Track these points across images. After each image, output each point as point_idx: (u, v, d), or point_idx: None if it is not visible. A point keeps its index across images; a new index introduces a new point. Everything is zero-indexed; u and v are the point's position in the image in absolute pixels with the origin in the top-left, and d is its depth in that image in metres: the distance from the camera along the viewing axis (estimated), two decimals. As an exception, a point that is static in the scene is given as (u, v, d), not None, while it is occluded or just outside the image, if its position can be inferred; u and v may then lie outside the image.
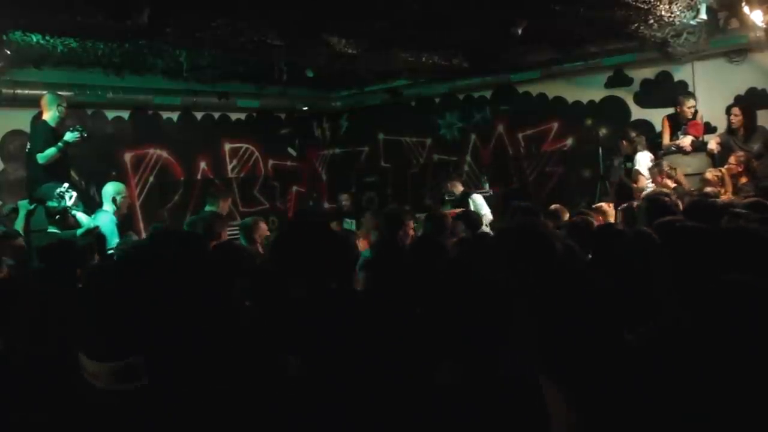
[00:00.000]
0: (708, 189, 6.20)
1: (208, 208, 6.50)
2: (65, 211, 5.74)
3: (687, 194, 6.14)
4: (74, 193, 5.87)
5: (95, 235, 5.35)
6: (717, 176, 6.67)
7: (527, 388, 1.93)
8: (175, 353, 1.40)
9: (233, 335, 1.98)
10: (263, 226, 5.67)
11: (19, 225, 6.02)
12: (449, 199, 7.88)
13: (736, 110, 7.48)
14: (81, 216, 5.84)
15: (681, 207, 4.67)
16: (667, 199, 4.46)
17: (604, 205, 6.30)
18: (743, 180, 6.69)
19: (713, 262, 2.15)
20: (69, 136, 6.40)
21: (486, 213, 7.25)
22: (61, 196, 5.74)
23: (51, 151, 6.28)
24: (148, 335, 1.37)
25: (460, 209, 6.83)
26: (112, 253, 5.33)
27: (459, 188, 7.88)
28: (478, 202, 7.56)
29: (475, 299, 2.24)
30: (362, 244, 5.43)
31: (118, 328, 1.35)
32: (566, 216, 5.67)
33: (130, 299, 1.41)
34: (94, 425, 1.37)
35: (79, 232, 5.61)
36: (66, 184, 5.94)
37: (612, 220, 5.73)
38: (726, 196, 6.19)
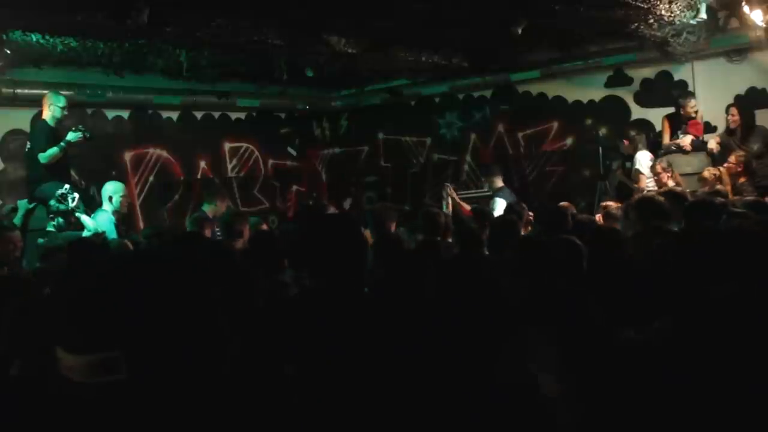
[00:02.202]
0: (718, 187, 6.18)
1: (205, 207, 6.55)
2: (68, 213, 5.73)
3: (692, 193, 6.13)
4: (77, 195, 5.87)
5: (102, 239, 5.36)
6: (714, 175, 6.67)
7: (525, 394, 1.93)
8: (157, 349, 1.39)
9: (221, 335, 1.97)
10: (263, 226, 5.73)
11: (17, 224, 6.01)
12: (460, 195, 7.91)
13: (733, 110, 7.48)
14: (85, 219, 5.83)
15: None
16: (661, 199, 4.44)
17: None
18: (742, 179, 6.69)
19: (710, 264, 2.15)
20: (71, 136, 6.39)
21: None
22: (65, 198, 5.73)
23: (53, 150, 6.27)
24: (129, 329, 1.37)
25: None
26: None
27: (498, 184, 7.82)
28: (498, 204, 7.43)
29: (476, 302, 2.24)
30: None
31: (97, 319, 1.34)
32: (573, 211, 5.68)
33: (112, 291, 1.41)
34: (68, 419, 1.37)
35: (83, 234, 5.61)
36: (68, 186, 5.93)
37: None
38: (726, 196, 6.19)
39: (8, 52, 6.31)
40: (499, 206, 7.39)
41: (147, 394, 1.31)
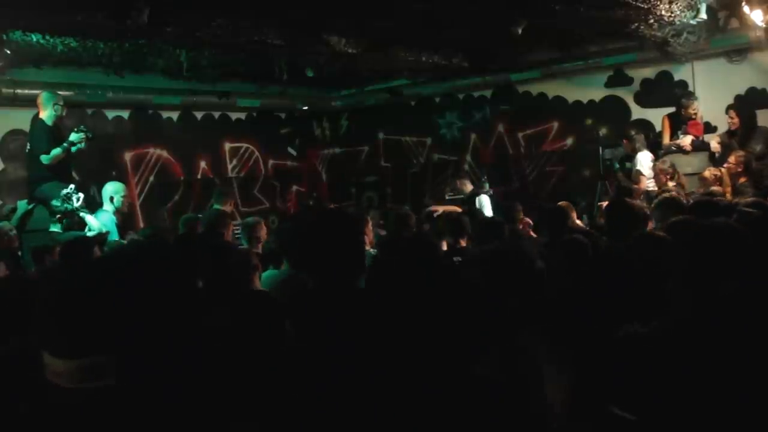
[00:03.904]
0: (713, 188, 6.18)
1: (216, 206, 6.60)
2: (73, 213, 5.72)
3: (691, 194, 6.13)
4: (81, 195, 5.86)
5: (105, 238, 5.36)
6: (715, 175, 6.66)
7: (520, 393, 1.92)
8: (148, 352, 1.37)
9: (216, 341, 1.96)
10: (264, 227, 5.73)
11: (14, 224, 6.00)
12: (452, 198, 7.88)
13: (732, 113, 7.48)
14: (89, 218, 5.82)
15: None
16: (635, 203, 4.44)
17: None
18: (742, 180, 6.68)
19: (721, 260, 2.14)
20: (74, 137, 6.36)
21: (489, 214, 7.21)
22: (69, 198, 5.72)
23: (56, 151, 6.22)
24: (119, 331, 1.34)
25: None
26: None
27: (468, 187, 7.86)
28: (485, 203, 7.52)
29: (468, 303, 2.23)
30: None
31: (87, 321, 1.32)
32: (573, 214, 5.66)
33: (102, 292, 1.38)
34: (56, 427, 1.34)
35: (87, 234, 5.61)
36: (72, 186, 5.92)
37: None
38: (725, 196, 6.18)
39: (8, 52, 6.30)
40: (486, 203, 7.48)
41: (137, 399, 1.29)
